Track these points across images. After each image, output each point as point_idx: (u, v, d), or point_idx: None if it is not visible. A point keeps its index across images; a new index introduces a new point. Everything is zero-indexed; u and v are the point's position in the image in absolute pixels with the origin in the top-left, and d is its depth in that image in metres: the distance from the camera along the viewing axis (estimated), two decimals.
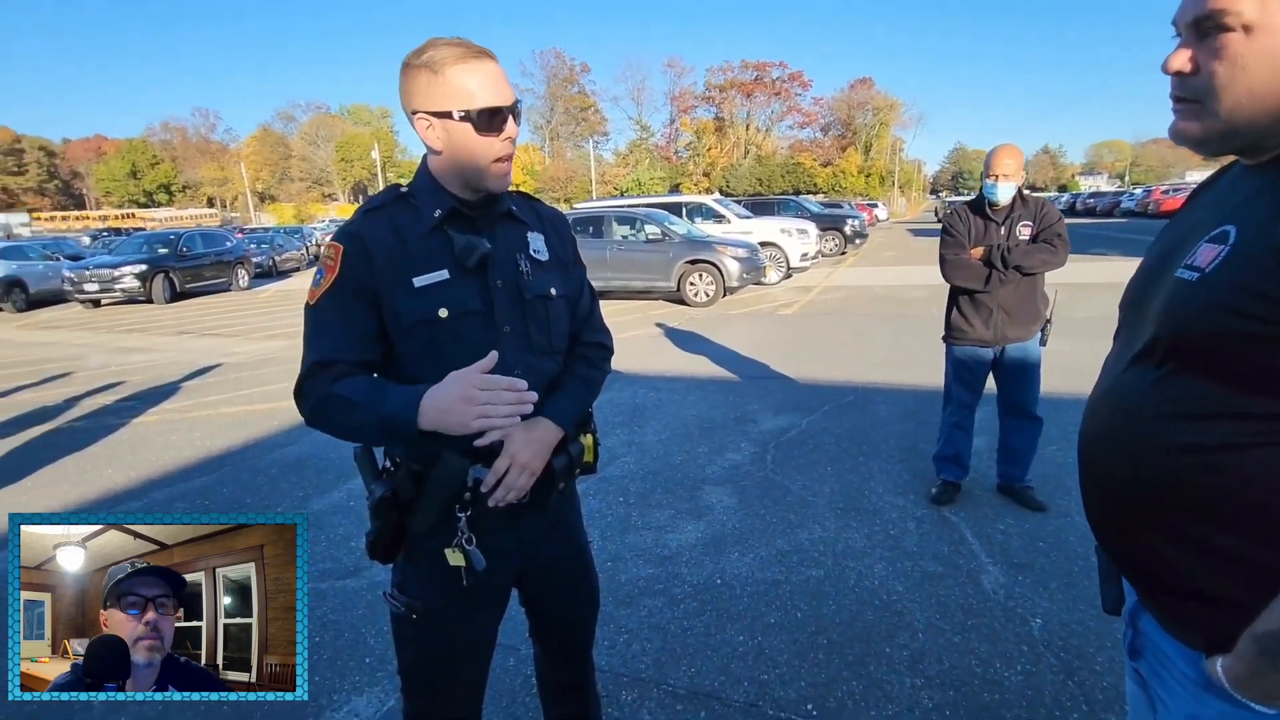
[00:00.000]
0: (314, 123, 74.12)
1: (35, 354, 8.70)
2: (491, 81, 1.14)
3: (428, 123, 1.16)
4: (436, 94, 1.13)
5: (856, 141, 61.91)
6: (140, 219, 49.88)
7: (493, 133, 1.15)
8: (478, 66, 1.13)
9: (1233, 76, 0.75)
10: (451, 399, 1.06)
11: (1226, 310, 0.73)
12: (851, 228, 18.87)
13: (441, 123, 1.15)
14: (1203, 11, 0.76)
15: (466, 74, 1.12)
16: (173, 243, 14.82)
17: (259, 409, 5.53)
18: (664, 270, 10.61)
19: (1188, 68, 0.79)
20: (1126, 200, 34.96)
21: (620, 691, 2.12)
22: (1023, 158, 3.01)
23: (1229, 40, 0.75)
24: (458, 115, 1.13)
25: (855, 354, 6.63)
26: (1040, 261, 2.98)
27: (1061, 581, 2.59)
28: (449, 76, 1.12)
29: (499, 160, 1.18)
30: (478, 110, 1.13)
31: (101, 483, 4.06)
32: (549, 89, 67.51)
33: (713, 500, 3.47)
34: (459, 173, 1.20)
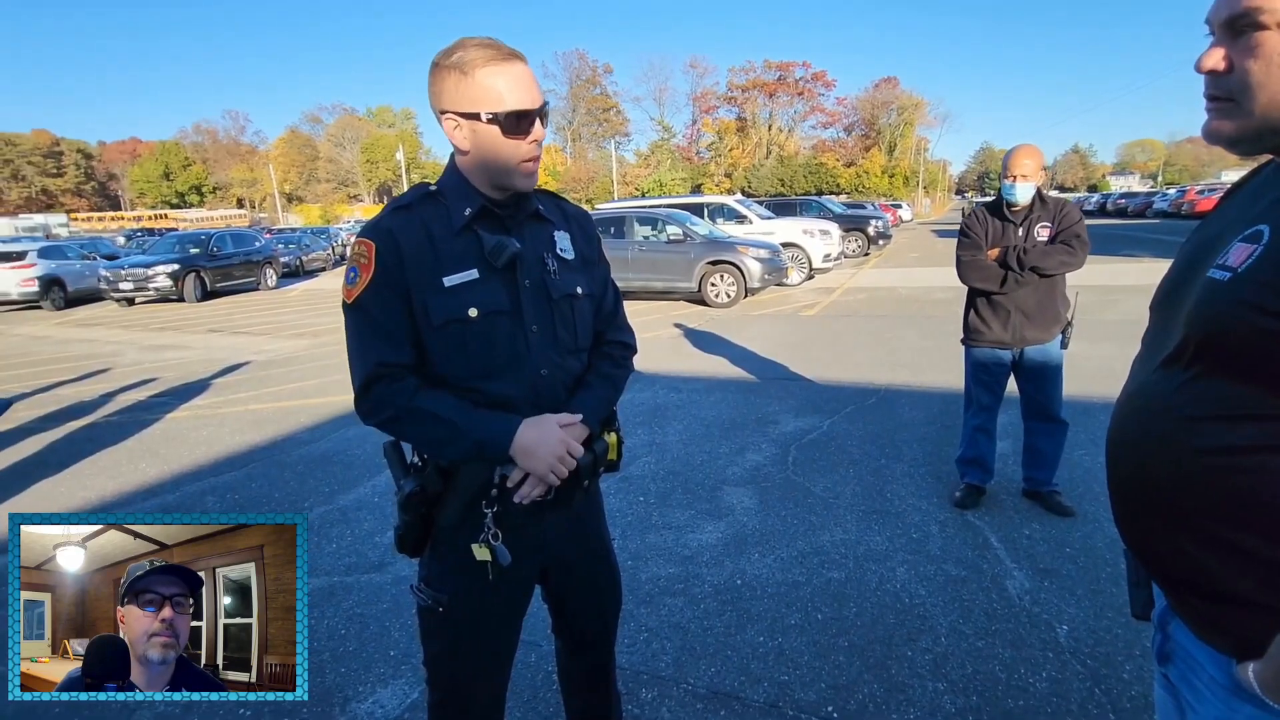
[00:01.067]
0: (340, 124, 75.24)
1: (74, 350, 8.96)
2: (520, 84, 1.15)
3: (455, 123, 1.17)
4: (465, 95, 1.14)
5: (880, 141, 61.28)
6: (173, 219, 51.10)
7: (520, 135, 1.16)
8: (507, 69, 1.14)
9: (1268, 74, 0.75)
10: (547, 448, 1.18)
11: (1260, 310, 0.72)
12: (875, 228, 18.70)
13: (469, 124, 1.16)
14: (1237, 10, 0.75)
15: (495, 76, 1.13)
16: (204, 243, 15.17)
17: (287, 405, 5.64)
18: (685, 271, 10.60)
19: (1221, 66, 0.78)
20: (1159, 201, 34.20)
21: (640, 689, 2.13)
22: (1042, 158, 2.97)
23: (1264, 39, 0.74)
24: (485, 117, 1.14)
25: (878, 355, 6.57)
26: (1058, 263, 2.93)
27: (1089, 588, 2.55)
28: (478, 78, 1.13)
29: (525, 161, 1.19)
30: (505, 113, 1.14)
31: (136, 476, 4.17)
32: (571, 90, 67.77)
33: (733, 501, 3.47)
34: (486, 173, 1.21)
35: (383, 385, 1.17)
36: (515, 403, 1.22)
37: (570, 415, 1.24)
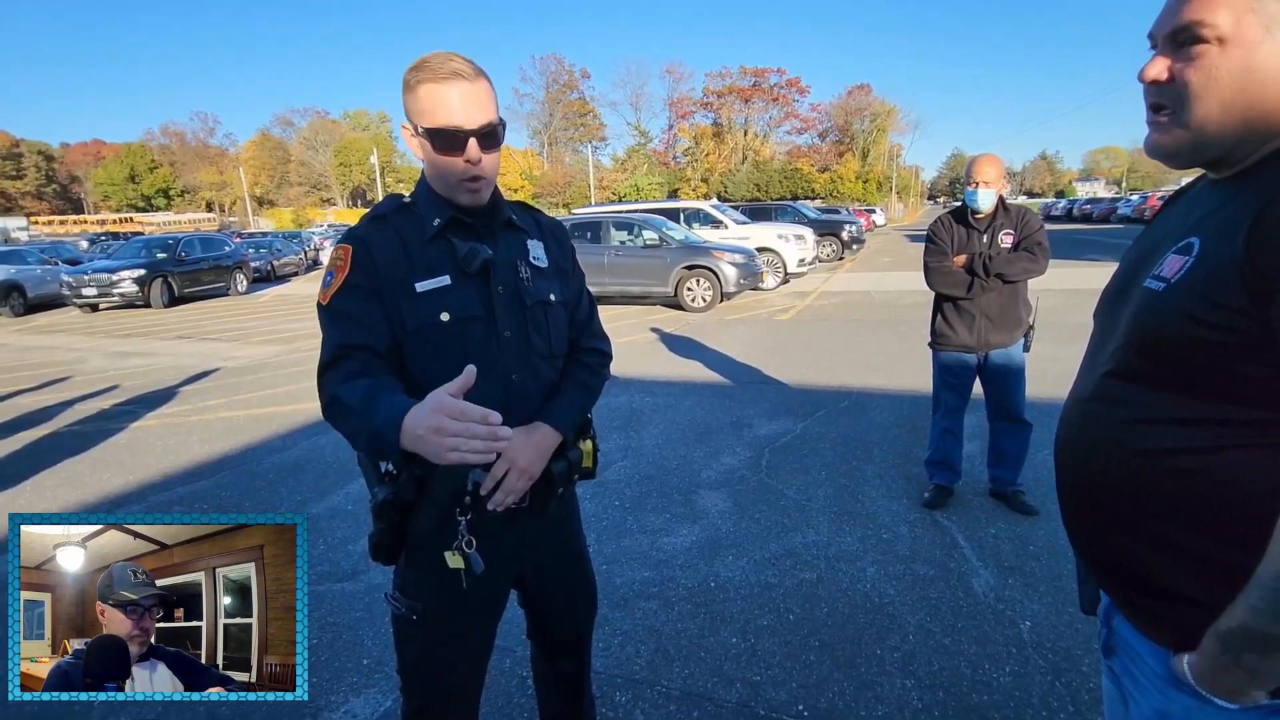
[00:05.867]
0: (313, 127, 74.14)
1: (33, 358, 8.71)
2: (454, 103, 1.15)
3: (409, 133, 1.22)
4: (410, 107, 1.19)
5: (854, 147, 62.09)
6: (138, 223, 49.83)
7: (452, 153, 1.18)
8: (445, 87, 1.15)
9: (1206, 87, 0.78)
10: (425, 427, 0.95)
11: (1190, 319, 0.76)
12: (849, 233, 18.96)
13: (416, 136, 1.20)
14: (1180, 23, 0.79)
15: (432, 93, 1.15)
16: (171, 247, 14.83)
17: (257, 413, 5.55)
18: (661, 276, 10.65)
19: (1164, 76, 0.82)
20: (1123, 206, 35.10)
21: (615, 692, 2.15)
22: (1003, 166, 3.08)
23: (1203, 51, 0.78)
24: (420, 130, 1.18)
25: (851, 359, 6.67)
26: (1021, 269, 3.03)
27: (1051, 585, 2.63)
28: (418, 93, 1.16)
29: (465, 180, 1.20)
30: (433, 129, 1.16)
31: (100, 487, 4.08)
32: (548, 94, 67.68)
33: (708, 504, 3.50)
34: (439, 186, 1.25)
35: (331, 369, 1.16)
36: (488, 408, 1.23)
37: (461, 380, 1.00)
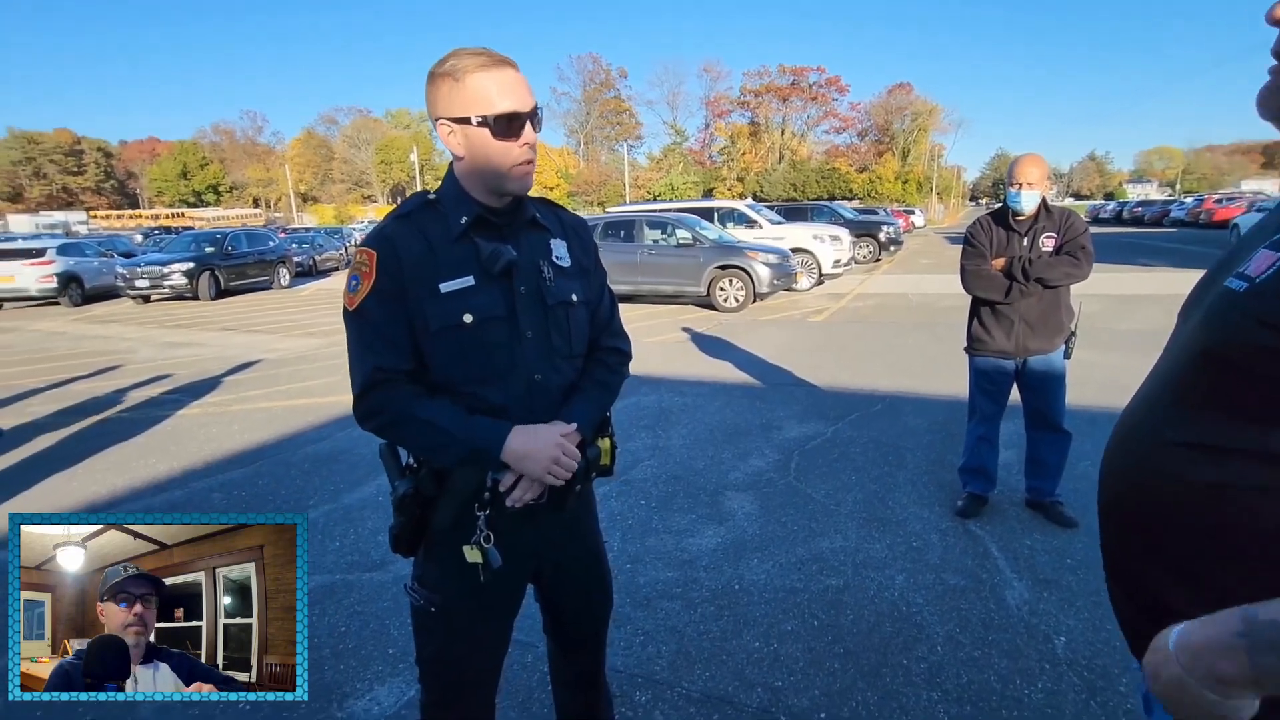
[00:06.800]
0: (355, 126, 75.85)
1: (89, 346, 9.09)
2: (510, 88, 1.17)
3: (449, 129, 1.20)
4: (457, 100, 1.17)
5: (894, 147, 61.03)
6: (189, 218, 51.68)
7: (511, 138, 1.18)
8: (497, 74, 1.16)
9: None
10: (543, 453, 1.19)
11: (1267, 326, 0.65)
12: (886, 234, 18.63)
13: (462, 128, 1.19)
14: None
15: (485, 80, 1.16)
16: (219, 242, 15.34)
17: (295, 404, 5.70)
18: (694, 275, 10.61)
19: None
20: (1177, 209, 33.83)
21: (634, 692, 2.14)
22: (1047, 167, 2.97)
23: None
24: (476, 120, 1.17)
25: (885, 362, 6.55)
26: (1063, 275, 2.93)
27: (1089, 600, 2.54)
28: (468, 83, 1.16)
29: (518, 165, 1.21)
30: (495, 115, 1.16)
31: (146, 472, 4.23)
32: (585, 93, 68.03)
33: (734, 506, 3.48)
34: (481, 178, 1.23)
35: (379, 391, 1.20)
36: (509, 407, 1.24)
37: (567, 425, 1.25)
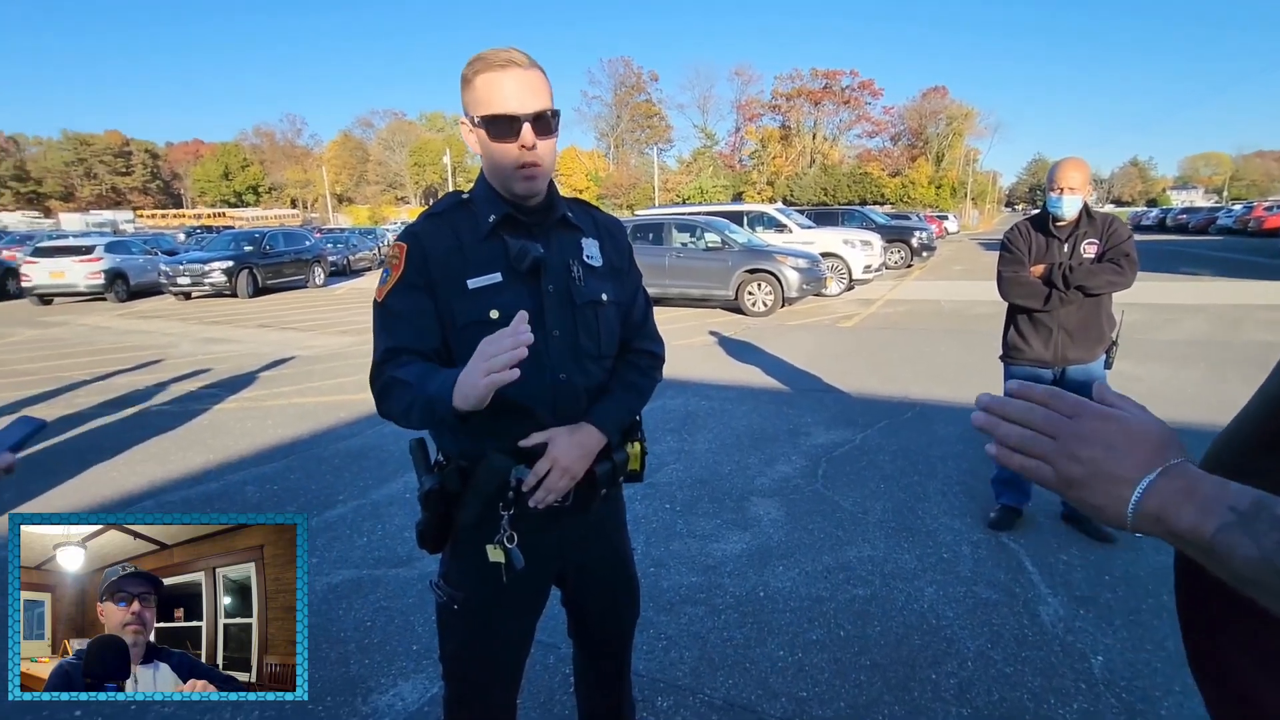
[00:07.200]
0: (391, 129, 77.24)
1: (132, 341, 9.39)
2: (506, 89, 1.16)
3: (467, 128, 1.23)
4: (468, 101, 1.20)
5: (928, 151, 60.10)
6: (230, 218, 53.20)
7: (507, 140, 1.18)
8: (498, 75, 1.16)
9: None
10: (468, 370, 1.00)
11: None
12: (918, 240, 18.32)
13: (473, 129, 1.21)
14: None
15: (487, 82, 1.17)
16: (257, 241, 15.72)
17: (328, 400, 5.80)
18: (722, 279, 10.56)
19: None
20: (1224, 217, 32.69)
21: (656, 697, 2.13)
22: (1090, 171, 2.88)
23: None
24: (476, 121, 1.19)
25: (916, 369, 6.44)
26: (1105, 283, 2.83)
27: (1128, 619, 2.45)
28: (475, 84, 1.18)
29: (520, 167, 1.20)
30: (488, 116, 1.17)
31: (183, 464, 4.34)
32: (616, 96, 68.31)
33: (760, 512, 3.44)
34: (495, 177, 1.25)
35: (381, 366, 1.20)
36: (535, 406, 1.24)
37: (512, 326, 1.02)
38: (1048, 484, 0.60)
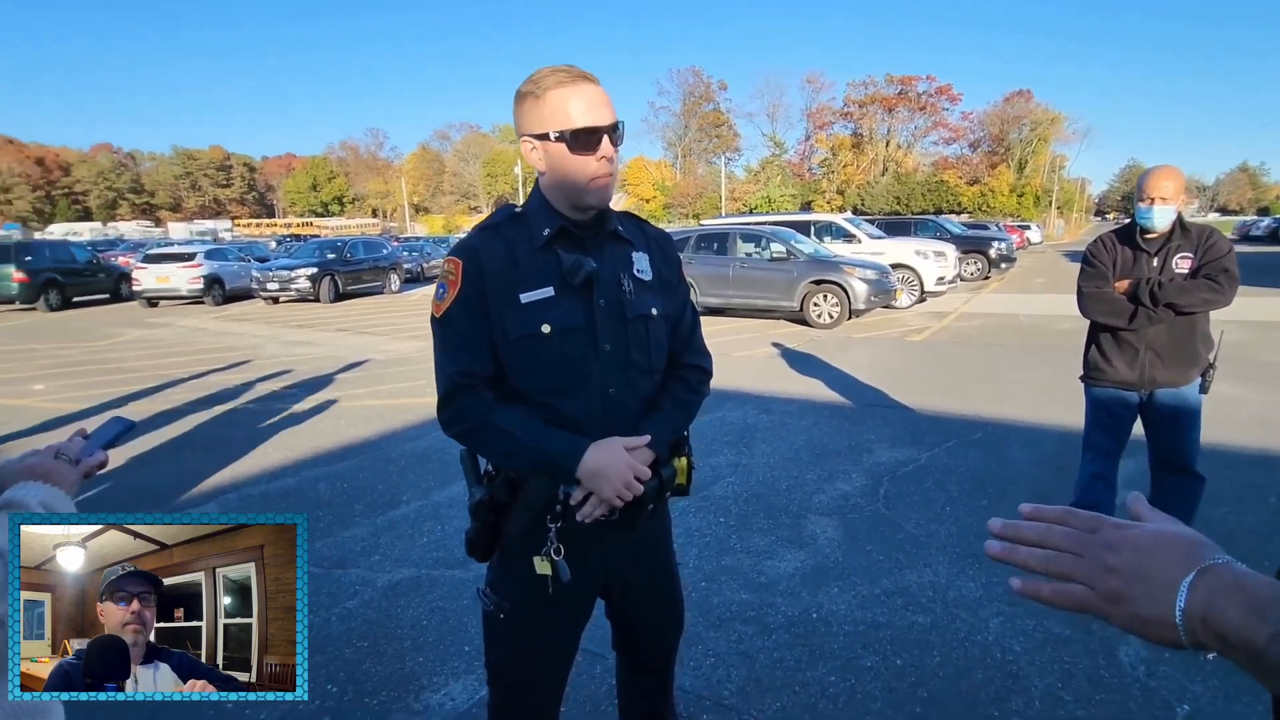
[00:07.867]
0: (465, 141, 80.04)
1: (225, 342, 10.06)
2: (586, 103, 1.19)
3: (531, 145, 1.24)
4: (537, 117, 1.21)
5: (1009, 158, 57.43)
6: (316, 227, 56.18)
7: (588, 152, 1.20)
8: (574, 89, 1.19)
9: None
10: (615, 471, 1.20)
11: None
12: (997, 251, 17.52)
13: (542, 144, 1.22)
14: None
15: (563, 97, 1.19)
16: (339, 249, 16.62)
17: (397, 403, 6.04)
18: (787, 290, 10.40)
19: None
20: None
21: (702, 714, 2.10)
22: (1184, 180, 2.67)
23: None
24: (554, 136, 1.20)
25: (989, 387, 6.15)
26: (1200, 301, 2.60)
27: (1219, 666, 2.25)
28: (548, 100, 1.19)
29: (595, 179, 1.22)
30: (571, 131, 1.19)
31: (264, 460, 4.61)
32: (684, 106, 68.51)
33: (817, 530, 3.36)
34: (562, 192, 1.25)
35: (463, 396, 1.24)
36: (584, 420, 1.25)
37: (637, 439, 1.25)
38: (1088, 606, 0.54)
